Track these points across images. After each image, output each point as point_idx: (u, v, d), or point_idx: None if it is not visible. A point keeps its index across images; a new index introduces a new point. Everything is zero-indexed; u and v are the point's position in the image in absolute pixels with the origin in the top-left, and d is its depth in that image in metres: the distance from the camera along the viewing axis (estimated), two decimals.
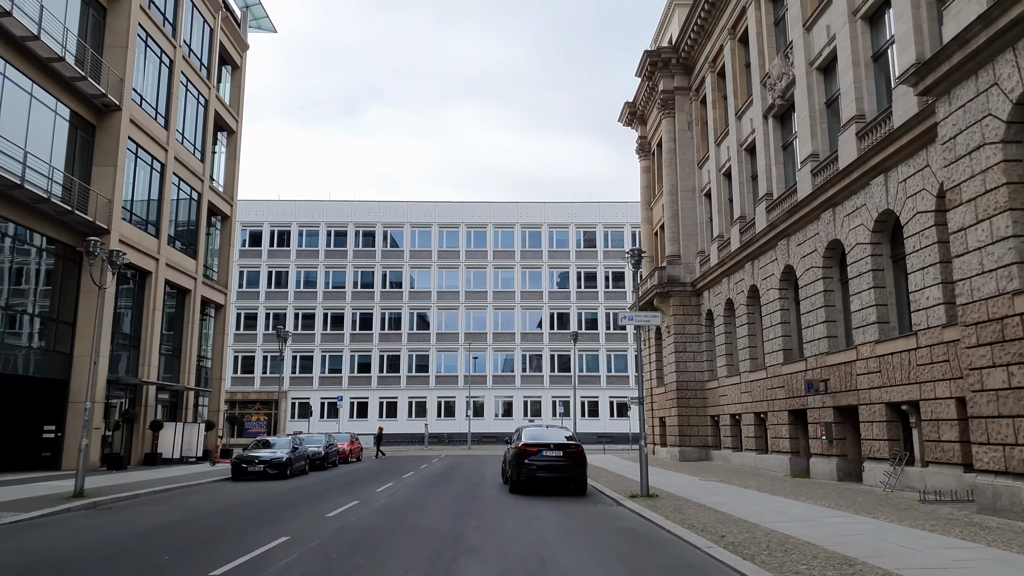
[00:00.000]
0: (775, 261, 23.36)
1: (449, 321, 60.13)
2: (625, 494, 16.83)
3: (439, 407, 58.69)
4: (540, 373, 59.07)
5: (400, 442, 57.38)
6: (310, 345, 59.46)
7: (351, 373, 59.23)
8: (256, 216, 61.06)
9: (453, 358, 59.56)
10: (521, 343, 59.36)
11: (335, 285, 60.78)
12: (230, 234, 37.36)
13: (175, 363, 32.03)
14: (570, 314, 60.01)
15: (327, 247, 61.14)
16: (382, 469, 28.94)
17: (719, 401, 29.30)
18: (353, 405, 58.73)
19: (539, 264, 60.61)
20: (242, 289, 60.23)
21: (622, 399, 58.50)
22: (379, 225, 61.24)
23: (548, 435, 18.93)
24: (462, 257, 60.72)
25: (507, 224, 61.21)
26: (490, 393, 58.64)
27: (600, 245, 60.91)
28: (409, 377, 59.03)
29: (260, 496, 17.80)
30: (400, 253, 60.93)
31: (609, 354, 59.37)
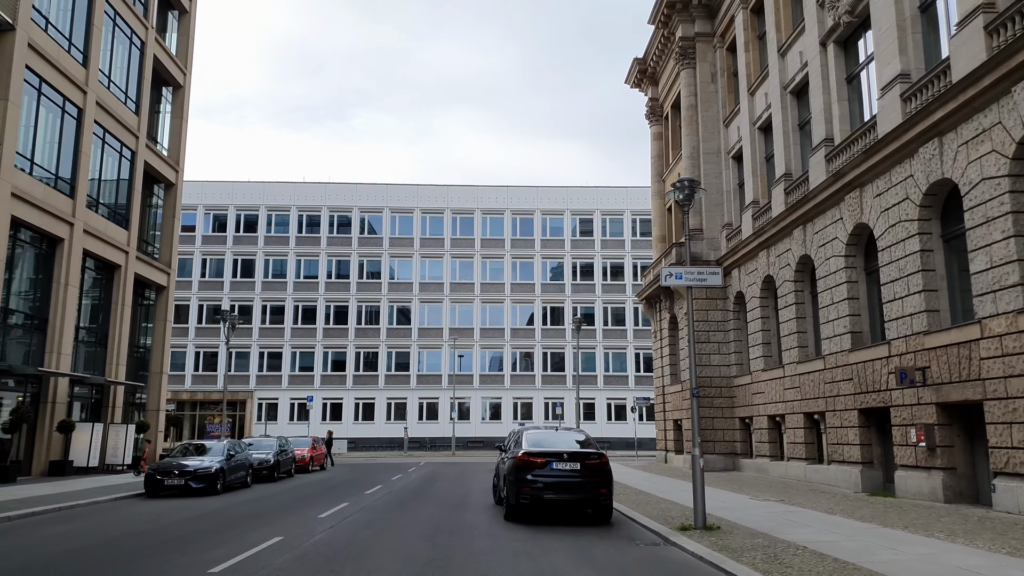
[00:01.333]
0: (839, 221, 18.50)
1: (432, 315, 55.00)
2: (669, 523, 11.84)
3: (420, 409, 53.52)
4: (531, 373, 54.05)
5: (377, 447, 52.14)
6: (279, 341, 54.11)
7: (324, 371, 53.93)
8: (221, 199, 55.69)
9: (436, 356, 54.43)
10: (511, 340, 54.34)
11: (307, 275, 55.49)
12: (175, 205, 32.10)
13: (99, 352, 26.72)
14: (564, 308, 55.06)
15: (298, 233, 55.86)
16: (345, 481, 23.78)
17: (752, 400, 24.41)
18: (326, 407, 53.41)
19: (531, 254, 55.64)
20: (204, 279, 54.81)
21: (620, 401, 53.59)
22: (356, 210, 56.05)
23: (558, 440, 13.98)
24: (447, 245, 55.65)
25: (496, 210, 56.22)
26: (476, 394, 53.54)
27: (598, 234, 56.04)
28: (388, 376, 53.83)
29: (153, 524, 12.65)
30: (379, 240, 55.76)
31: (607, 352, 54.45)
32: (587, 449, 13.01)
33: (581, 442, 13.65)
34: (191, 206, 55.23)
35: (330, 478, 25.59)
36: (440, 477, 25.66)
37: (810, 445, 20.43)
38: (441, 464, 35.71)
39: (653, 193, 34.09)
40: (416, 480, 24.14)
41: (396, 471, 29.27)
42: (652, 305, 33.39)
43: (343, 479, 24.81)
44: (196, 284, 54.39)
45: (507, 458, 13.91)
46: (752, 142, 24.67)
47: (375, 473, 28.07)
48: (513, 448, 14.00)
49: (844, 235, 18.22)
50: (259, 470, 22.90)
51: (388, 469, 30.89)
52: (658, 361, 32.99)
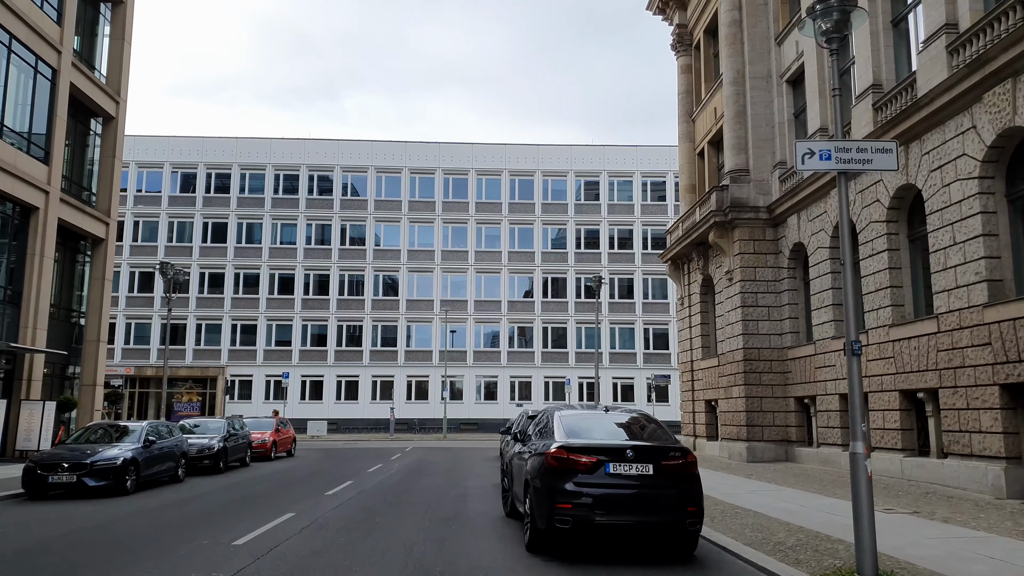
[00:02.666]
0: (969, 132, 13.69)
1: (422, 286, 50.11)
2: (807, 568, 7.09)
3: (409, 388, 48.79)
4: (530, 349, 49.33)
5: (361, 428, 47.43)
6: (253, 312, 49.13)
7: (303, 346, 49.04)
8: (189, 155, 50.39)
9: (427, 330, 49.62)
10: (508, 313, 49.55)
11: (284, 241, 50.41)
12: (116, 143, 26.97)
13: (11, 314, 21.75)
14: (567, 279, 50.26)
15: (275, 194, 50.70)
16: (307, 475, 19.04)
17: (815, 375, 19.74)
18: (305, 384, 48.60)
19: (531, 219, 50.70)
20: (171, 243, 49.65)
21: (628, 380, 48.98)
22: (338, 169, 50.88)
23: (609, 428, 8.97)
24: (438, 209, 50.63)
25: (493, 171, 51.17)
26: (470, 372, 48.83)
27: (604, 197, 51.12)
28: (373, 352, 48.99)
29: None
30: (363, 203, 50.67)
31: (613, 327, 49.77)
32: (661, 443, 8.12)
33: (645, 431, 8.73)
34: (156, 163, 50.01)
35: (291, 469, 20.81)
36: (428, 469, 20.93)
37: (908, 432, 15.76)
38: (430, 450, 31.03)
39: (680, 136, 29.20)
40: (397, 473, 19.39)
41: (376, 459, 24.53)
42: (678, 267, 28.64)
43: (306, 471, 20.04)
44: (162, 250, 49.24)
45: (529, 453, 8.95)
46: (820, 55, 19.76)
47: (349, 462, 23.33)
48: (539, 439, 9.03)
49: (978, 148, 13.42)
50: (198, 459, 18.10)
51: (367, 456, 26.16)
52: (685, 332, 28.28)
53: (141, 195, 49.86)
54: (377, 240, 50.56)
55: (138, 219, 49.49)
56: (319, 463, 22.99)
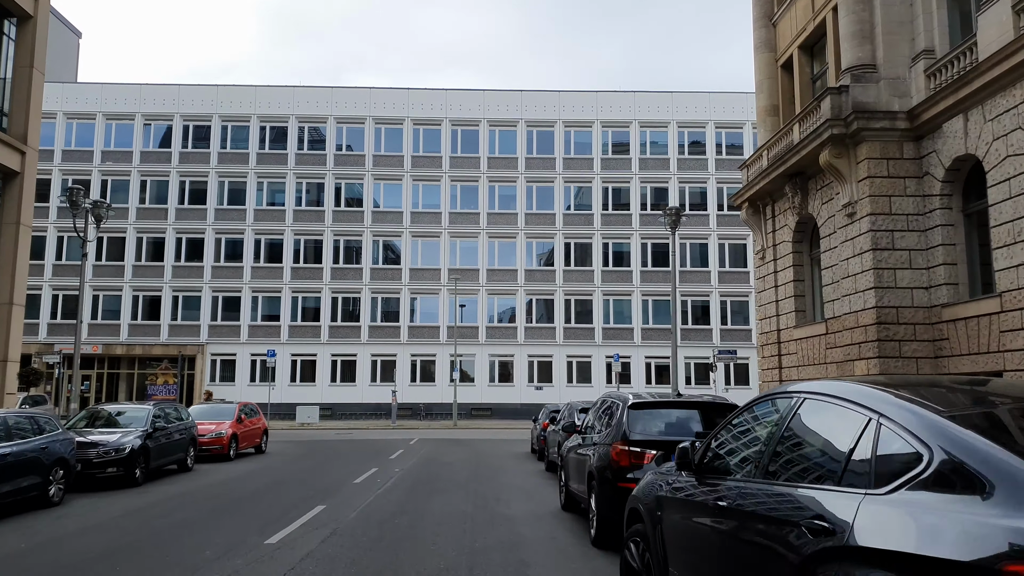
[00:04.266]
0: None
1: (427, 253, 44.11)
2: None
3: (413, 369, 42.94)
4: (551, 325, 43.35)
5: (359, 414, 41.67)
6: (236, 282, 43.23)
7: (292, 321, 43.17)
8: (164, 106, 44.27)
9: (433, 303, 43.69)
10: (525, 283, 43.55)
11: (272, 202, 44.40)
12: (35, 50, 20.89)
13: None
14: (592, 245, 44.17)
15: (260, 149, 44.61)
16: (265, 489, 13.12)
17: (1001, 343, 13.67)
18: (295, 364, 42.80)
19: (551, 176, 44.53)
20: (144, 205, 43.68)
21: (663, 360, 42.95)
22: (331, 120, 44.72)
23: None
24: (445, 165, 44.49)
25: (507, 121, 44.94)
26: (482, 351, 42.92)
27: (635, 151, 44.87)
28: (372, 328, 43.11)
29: None
30: (360, 159, 44.56)
31: (645, 300, 43.71)
32: None
33: None
34: (125, 115, 43.95)
35: (244, 479, 14.88)
36: (441, 478, 14.99)
37: None
38: (440, 443, 25.12)
39: (757, 45, 22.95)
40: (397, 488, 13.45)
41: (370, 459, 18.64)
42: (758, 210, 22.50)
43: (265, 483, 14.10)
44: (133, 212, 43.30)
45: None
46: None
47: (333, 465, 17.43)
48: None
49: None
50: (98, 466, 12.20)
51: (360, 454, 20.28)
52: (768, 294, 22.18)
53: (109, 151, 43.81)
54: (376, 201, 44.51)
55: (106, 178, 43.49)
56: (291, 467, 17.08)
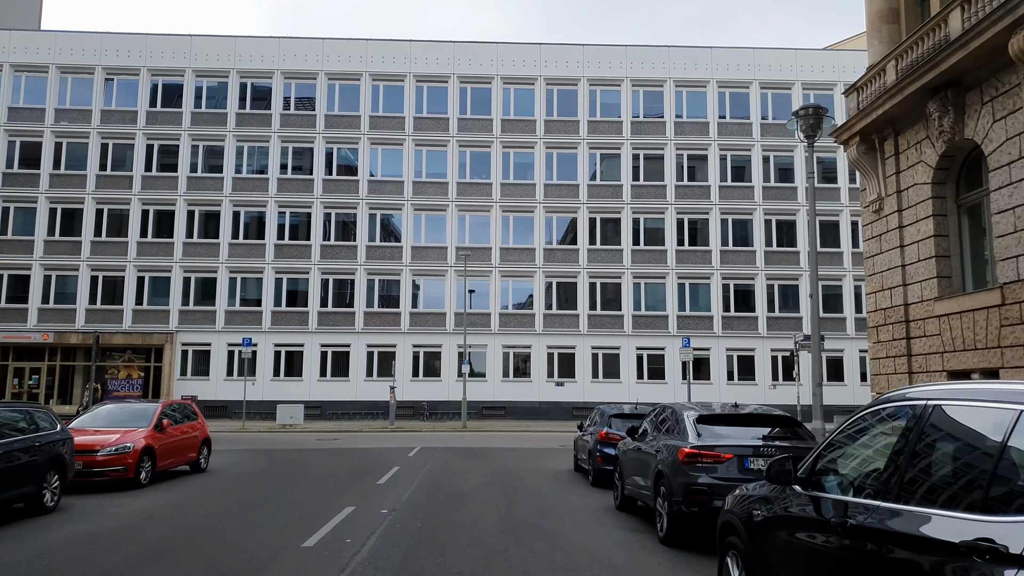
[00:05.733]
0: None
1: (432, 228, 38.42)
2: None
3: (415, 361, 37.30)
4: (574, 312, 37.66)
5: (352, 414, 36.10)
6: (212, 261, 37.58)
7: (276, 306, 37.52)
8: (129, 59, 38.56)
9: (438, 286, 38.03)
10: (544, 264, 37.84)
11: (252, 169, 38.72)
12: None
13: None
14: (621, 220, 38.43)
15: (240, 108, 38.90)
16: (120, 564, 7.27)
17: None
18: (279, 356, 37.17)
19: (574, 141, 38.77)
20: (105, 172, 38.02)
21: (703, 352, 37.23)
22: (322, 76, 38.97)
23: None
24: (452, 128, 38.74)
25: (524, 78, 39.15)
26: (495, 341, 37.25)
27: (670, 112, 39.06)
28: (368, 314, 37.46)
29: None
30: (355, 120, 38.83)
31: (681, 283, 37.98)
32: None
33: None
34: (86, 68, 38.27)
35: (120, 533, 9.03)
36: (458, 531, 9.13)
37: None
38: (448, 454, 19.40)
39: None
40: (372, 560, 7.60)
41: (348, 486, 12.91)
42: (873, 146, 16.76)
43: (136, 551, 8.21)
44: (92, 180, 37.65)
45: None
46: None
47: (286, 500, 11.67)
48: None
49: None
50: None
51: (336, 476, 14.56)
52: (886, 258, 16.40)
53: (64, 110, 38.10)
54: (373, 169, 38.78)
55: (60, 140, 37.79)
56: (218, 504, 11.31)
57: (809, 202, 12.75)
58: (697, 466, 7.83)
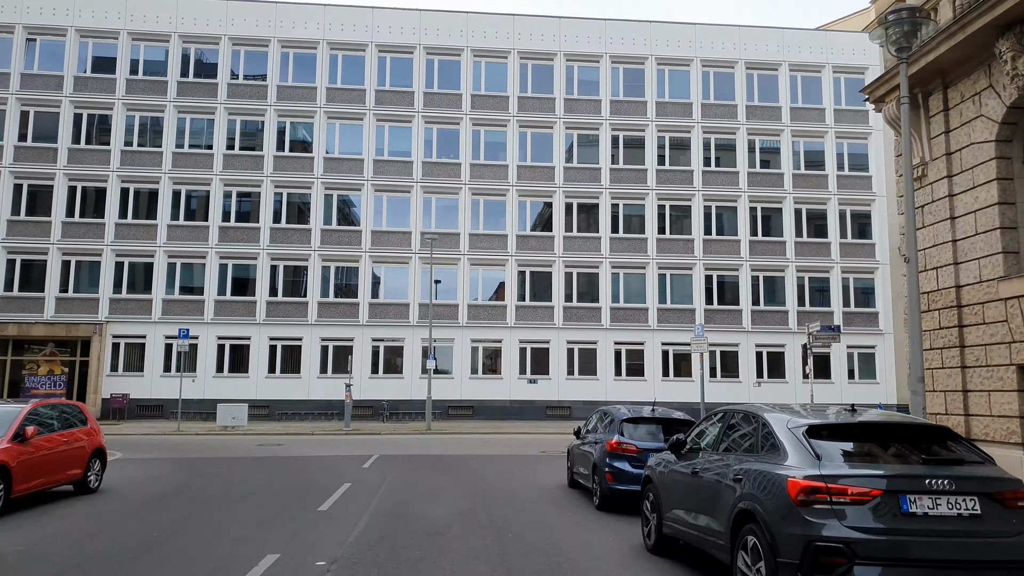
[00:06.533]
0: None
1: (394, 211, 35.26)
2: None
3: (375, 357, 34.10)
4: (548, 304, 34.88)
5: (303, 413, 32.81)
6: (148, 245, 33.84)
7: (220, 295, 33.95)
8: (53, 16, 34.51)
9: (401, 275, 34.89)
10: (516, 252, 34.99)
11: (195, 143, 35.04)
12: None
13: None
14: (599, 205, 35.79)
15: (182, 76, 35.17)
16: None
17: None
18: (223, 350, 33.61)
19: (549, 120, 35.98)
20: (25, 143, 33.94)
21: (684, 348, 34.84)
22: (275, 43, 35.47)
23: None
24: (417, 103, 35.61)
25: (496, 51, 36.22)
26: (463, 335, 34.27)
27: (652, 92, 36.53)
28: (323, 305, 34.13)
29: None
30: (310, 92, 35.42)
31: (663, 274, 35.49)
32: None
33: None
34: (4, 26, 34.12)
35: None
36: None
37: None
38: (411, 464, 16.37)
39: None
40: None
41: (275, 519, 9.76)
42: (917, 101, 14.28)
43: None
44: (10, 151, 33.57)
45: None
46: None
47: (184, 543, 8.49)
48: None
49: None
50: None
51: (265, 502, 11.41)
52: (934, 232, 13.87)
53: None
54: (330, 145, 35.43)
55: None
56: (82, 554, 8.07)
57: (905, 158, 10.08)
58: (821, 508, 5.03)
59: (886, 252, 35.36)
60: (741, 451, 6.42)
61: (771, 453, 5.75)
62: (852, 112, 36.63)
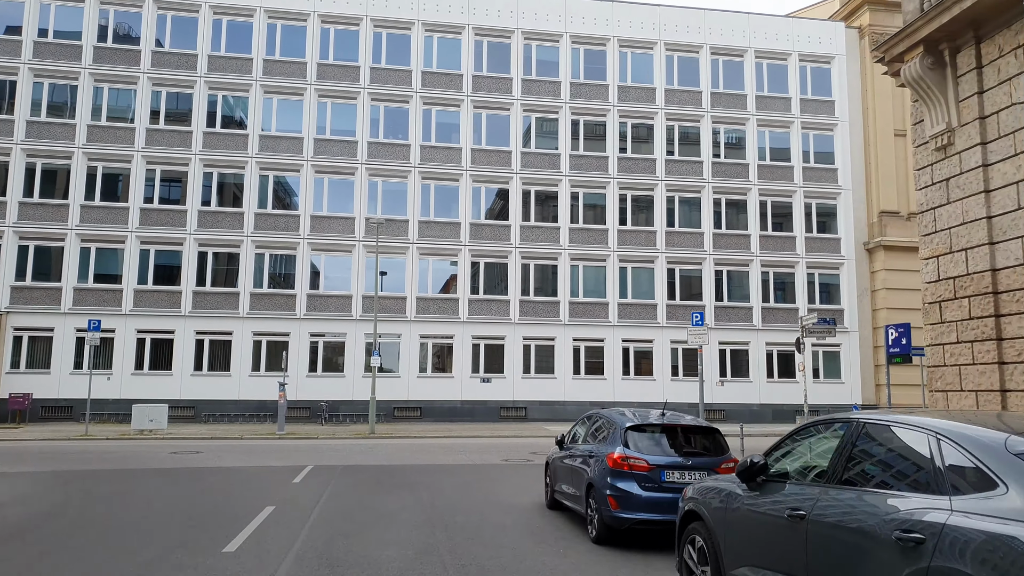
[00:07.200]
0: None
1: (337, 195, 32.49)
2: None
3: (313, 353, 31.25)
4: (504, 297, 32.63)
5: (233, 415, 29.81)
6: (57, 226, 30.27)
7: (140, 285, 30.61)
8: None
9: (343, 264, 32.15)
10: (470, 241, 32.61)
11: (113, 116, 31.59)
12: None
13: None
14: (559, 192, 33.70)
15: (99, 41, 31.70)
16: None
17: None
18: (143, 344, 30.28)
19: (506, 101, 33.72)
20: None
21: (645, 345, 33.11)
22: (206, 9, 32.27)
23: None
24: (363, 79, 32.89)
25: (450, 26, 33.76)
26: (411, 330, 31.73)
27: (614, 75, 34.61)
28: (255, 296, 31.13)
29: None
30: (245, 63, 32.35)
31: (623, 267, 33.62)
32: None
33: None
34: None
35: None
36: None
37: None
38: (355, 478, 13.89)
39: None
40: None
41: (165, 562, 7.20)
42: (942, 60, 12.50)
43: None
44: None
45: None
46: None
47: None
48: None
49: None
50: None
51: (155, 535, 8.77)
52: (967, 205, 12.04)
53: None
54: (266, 121, 32.41)
55: None
56: None
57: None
58: None
59: (851, 248, 34.23)
60: (910, 485, 4.03)
61: (972, 484, 3.56)
62: (818, 102, 35.44)
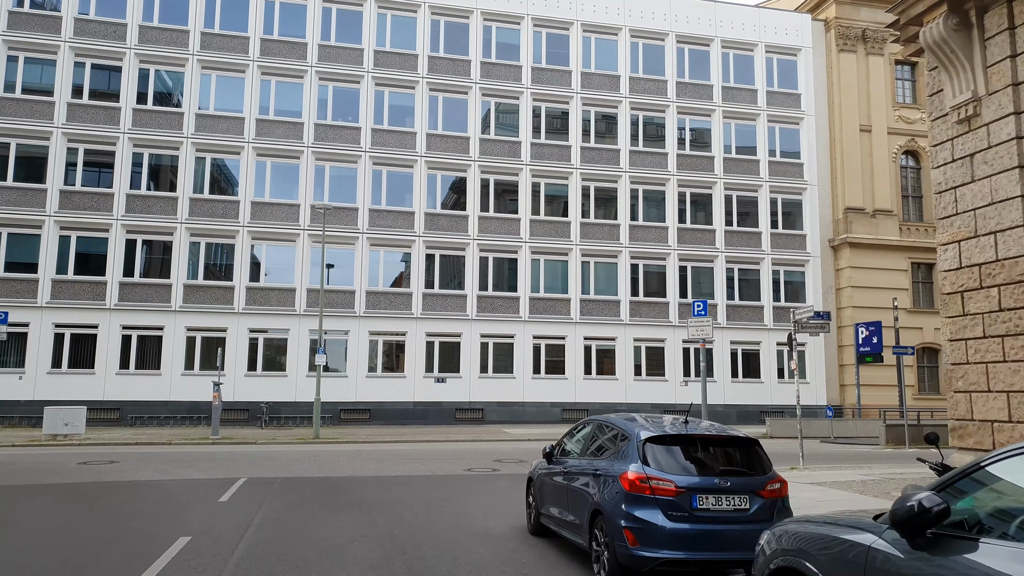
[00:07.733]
0: None
1: (280, 180, 30.19)
2: None
3: (252, 351, 28.91)
4: (460, 292, 30.80)
5: (163, 417, 27.35)
6: None
7: (60, 274, 27.82)
8: None
9: (286, 255, 29.86)
10: (424, 232, 30.67)
11: (31, 88, 28.71)
12: None
13: None
14: (519, 181, 32.03)
15: (16, 6, 28.75)
16: None
17: None
18: (62, 340, 27.51)
19: (464, 85, 31.88)
20: None
21: (607, 343, 31.71)
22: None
23: None
24: (311, 55, 30.65)
25: (405, 4, 31.75)
26: (360, 326, 29.64)
27: (577, 61, 33.09)
28: (189, 288, 28.63)
29: None
30: (181, 36, 29.78)
31: (586, 261, 32.14)
32: None
33: None
34: None
35: None
36: None
37: None
38: (296, 495, 11.89)
39: None
40: None
41: None
42: (967, 22, 11.14)
43: None
44: None
45: None
46: None
47: None
48: None
49: None
50: None
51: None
52: (996, 183, 10.65)
53: None
54: (204, 100, 29.90)
55: None
56: None
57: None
58: None
59: (817, 244, 33.44)
60: None
61: None
62: (784, 95, 34.58)
